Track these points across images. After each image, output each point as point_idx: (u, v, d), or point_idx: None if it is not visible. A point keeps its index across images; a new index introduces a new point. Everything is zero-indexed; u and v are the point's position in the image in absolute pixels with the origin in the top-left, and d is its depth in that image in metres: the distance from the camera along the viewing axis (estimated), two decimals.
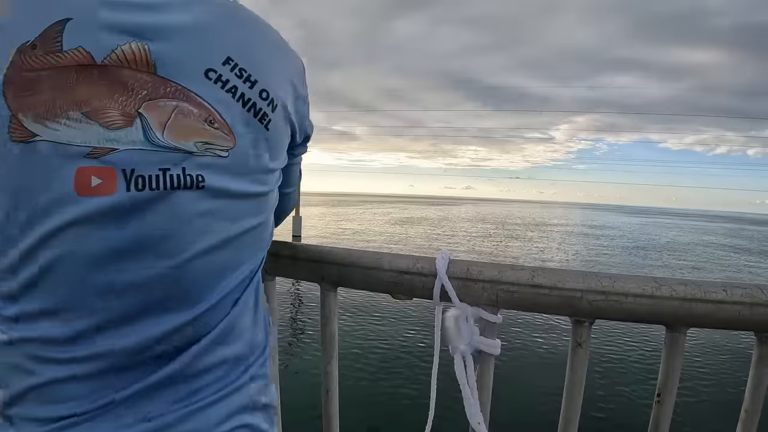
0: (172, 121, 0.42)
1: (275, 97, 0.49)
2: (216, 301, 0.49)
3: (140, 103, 0.41)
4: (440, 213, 52.58)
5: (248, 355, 0.54)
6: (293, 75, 0.53)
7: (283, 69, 0.52)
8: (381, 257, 0.72)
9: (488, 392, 0.68)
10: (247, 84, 0.46)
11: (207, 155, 0.44)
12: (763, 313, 0.54)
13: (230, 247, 0.48)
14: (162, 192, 0.42)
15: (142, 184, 0.41)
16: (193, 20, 0.43)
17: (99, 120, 0.40)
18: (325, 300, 0.79)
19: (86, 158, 0.40)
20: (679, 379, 0.61)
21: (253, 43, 0.48)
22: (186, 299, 0.46)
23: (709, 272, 16.16)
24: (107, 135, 0.40)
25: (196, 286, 0.47)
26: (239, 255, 0.50)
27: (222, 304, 0.49)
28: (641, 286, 0.58)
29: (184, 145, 0.43)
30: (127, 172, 0.41)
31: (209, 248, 0.46)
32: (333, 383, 0.80)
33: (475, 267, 0.65)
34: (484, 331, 0.66)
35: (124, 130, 0.41)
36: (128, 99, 0.41)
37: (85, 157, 0.40)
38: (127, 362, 0.45)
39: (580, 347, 0.64)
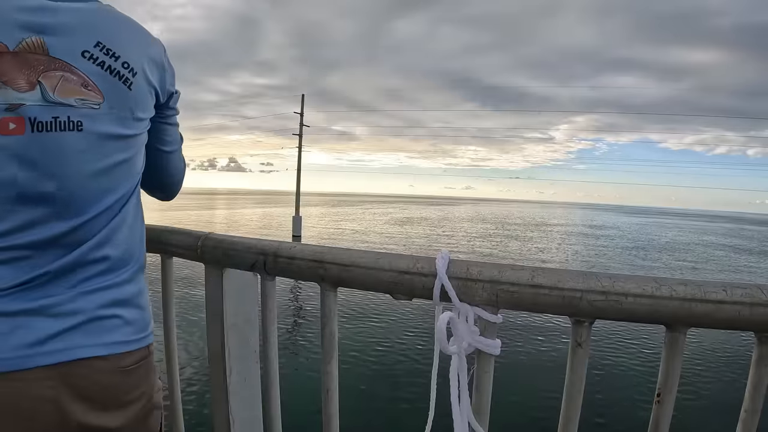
0: (60, 85, 0.62)
1: (135, 66, 0.69)
2: (97, 213, 0.69)
3: (39, 74, 0.61)
4: (440, 213, 52.54)
5: (126, 260, 0.74)
6: (152, 53, 0.74)
7: (142, 48, 0.72)
8: (381, 257, 0.72)
9: (488, 392, 0.68)
10: (112, 59, 0.67)
11: (84, 108, 0.64)
12: (763, 313, 0.54)
13: (105, 174, 0.69)
14: (54, 133, 0.63)
15: (41, 127, 0.62)
16: (72, 20, 0.65)
17: (12, 86, 0.60)
18: (325, 300, 0.79)
19: (5, 111, 0.60)
20: (679, 379, 0.61)
21: (117, 32, 0.69)
22: (74, 210, 0.66)
23: (709, 273, 16.16)
24: (18, 96, 0.60)
25: (81, 201, 0.67)
26: (113, 181, 0.70)
27: (103, 216, 0.70)
28: (641, 286, 0.58)
29: (68, 100, 0.63)
30: (31, 119, 0.61)
31: (89, 174, 0.67)
32: (333, 383, 0.80)
33: (475, 267, 0.65)
34: (484, 332, 0.66)
35: (29, 92, 0.61)
36: (31, 72, 0.61)
37: (5, 111, 0.60)
38: (34, 254, 0.65)
39: (580, 347, 0.64)
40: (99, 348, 0.69)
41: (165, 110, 0.82)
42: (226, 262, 0.92)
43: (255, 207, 52.12)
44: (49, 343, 0.65)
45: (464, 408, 0.66)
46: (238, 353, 0.98)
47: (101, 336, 0.70)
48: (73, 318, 0.67)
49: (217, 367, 0.97)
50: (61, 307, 0.67)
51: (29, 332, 0.64)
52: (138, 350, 0.76)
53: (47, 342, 0.65)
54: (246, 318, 0.99)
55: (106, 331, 0.71)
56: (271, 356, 0.91)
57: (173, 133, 0.88)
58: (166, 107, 0.82)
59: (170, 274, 1.07)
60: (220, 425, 1.00)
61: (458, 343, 0.65)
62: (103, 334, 0.70)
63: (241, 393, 0.99)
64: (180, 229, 1.04)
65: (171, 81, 0.80)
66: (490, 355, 0.67)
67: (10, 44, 0.60)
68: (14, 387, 0.64)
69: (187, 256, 0.99)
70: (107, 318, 0.71)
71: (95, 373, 0.69)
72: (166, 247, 1.03)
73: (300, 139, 23.06)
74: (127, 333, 0.74)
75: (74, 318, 0.67)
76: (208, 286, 0.97)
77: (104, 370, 0.70)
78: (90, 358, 0.68)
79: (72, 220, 0.67)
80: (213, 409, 1.00)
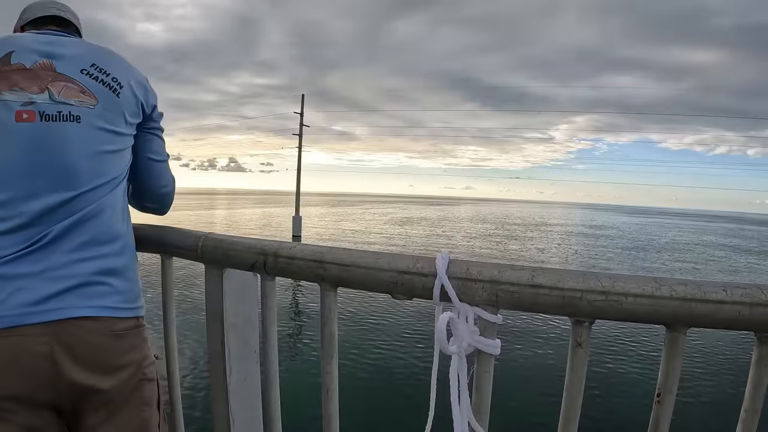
0: (63, 90, 0.83)
1: (122, 81, 0.90)
2: (89, 188, 0.83)
3: (48, 83, 0.82)
4: (440, 213, 52.55)
5: (113, 238, 0.86)
6: (137, 77, 0.94)
7: (128, 72, 0.93)
8: (381, 257, 0.72)
9: (488, 392, 0.68)
10: (104, 74, 0.88)
11: (82, 106, 0.84)
12: (763, 313, 0.54)
13: (97, 158, 0.85)
14: (57, 123, 0.81)
15: (47, 118, 0.80)
16: (75, 50, 0.89)
17: (27, 90, 0.81)
18: (325, 300, 0.79)
19: (21, 106, 0.79)
20: (679, 379, 0.61)
21: (109, 60, 0.91)
22: (70, 184, 0.81)
23: (709, 273, 16.16)
24: (30, 96, 0.80)
25: (76, 176, 0.82)
26: (104, 165, 0.86)
27: (93, 192, 0.83)
28: (641, 287, 0.58)
29: (69, 101, 0.83)
30: (40, 112, 0.80)
31: (84, 155, 0.83)
32: (333, 383, 0.80)
33: (475, 267, 0.65)
34: (484, 331, 0.66)
35: (39, 94, 0.81)
36: (41, 81, 0.82)
37: (21, 106, 0.79)
38: (37, 221, 0.78)
39: (580, 347, 0.64)
40: (91, 309, 0.78)
41: (150, 122, 0.99)
42: (226, 262, 0.92)
43: (255, 207, 52.13)
44: (45, 303, 0.74)
45: (464, 408, 0.66)
46: (238, 353, 0.98)
47: (93, 299, 0.79)
48: (68, 281, 0.77)
49: (217, 367, 0.97)
50: (58, 271, 0.77)
51: (29, 293, 0.74)
52: (128, 318, 0.84)
53: (44, 302, 0.74)
54: (246, 318, 0.99)
55: (97, 295, 0.80)
56: (271, 356, 0.91)
57: (160, 144, 1.03)
58: (151, 119, 0.99)
59: (170, 274, 1.07)
60: (220, 425, 1.00)
61: (458, 343, 0.65)
62: (94, 297, 0.79)
63: (241, 393, 0.99)
64: (180, 229, 1.04)
65: (153, 99, 0.98)
66: (490, 355, 0.67)
67: (27, 64, 0.83)
68: (13, 342, 0.73)
69: (187, 256, 0.99)
70: (99, 284, 0.81)
71: (87, 332, 0.77)
72: (166, 247, 1.03)
73: (300, 139, 23.07)
74: (118, 300, 0.83)
75: (69, 281, 0.77)
76: (208, 286, 0.97)
77: (95, 331, 0.78)
78: (82, 318, 0.77)
79: (68, 192, 0.80)
80: (213, 409, 1.00)
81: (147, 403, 0.87)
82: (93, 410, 0.79)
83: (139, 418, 0.85)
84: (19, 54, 0.83)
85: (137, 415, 0.85)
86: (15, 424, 0.74)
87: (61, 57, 0.85)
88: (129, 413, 0.83)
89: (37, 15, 0.99)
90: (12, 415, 0.74)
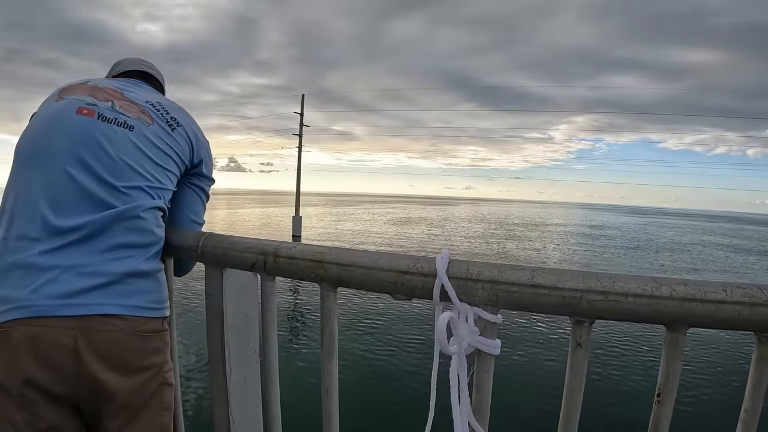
0: (124, 106, 0.93)
1: (180, 122, 0.99)
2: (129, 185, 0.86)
3: (114, 99, 0.93)
4: (440, 213, 52.56)
5: (149, 242, 0.88)
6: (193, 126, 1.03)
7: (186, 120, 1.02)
8: (381, 257, 0.72)
9: (488, 392, 0.68)
10: (164, 111, 0.98)
11: (138, 121, 0.92)
12: (763, 313, 0.54)
13: (142, 162, 0.89)
14: (112, 125, 0.88)
15: (104, 119, 0.88)
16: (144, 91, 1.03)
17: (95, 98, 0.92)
18: (325, 300, 0.79)
19: (85, 105, 0.89)
20: (679, 379, 0.61)
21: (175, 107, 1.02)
22: (112, 176, 0.85)
23: (708, 273, 16.16)
24: (94, 101, 0.91)
25: (119, 172, 0.86)
26: (147, 170, 0.89)
27: (133, 191, 0.86)
28: (641, 286, 0.58)
29: (128, 114, 0.92)
30: (99, 113, 0.89)
31: (129, 156, 0.87)
32: (333, 383, 0.80)
33: (475, 267, 0.65)
34: (484, 332, 0.66)
35: (104, 102, 0.91)
36: (108, 95, 0.93)
37: (85, 104, 0.89)
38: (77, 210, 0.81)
39: (580, 347, 0.64)
40: (119, 308, 0.79)
41: (196, 176, 1.05)
42: (226, 262, 0.92)
43: (255, 207, 52.14)
44: (75, 297, 0.76)
45: (464, 408, 0.66)
46: (238, 353, 0.98)
47: (121, 298, 0.80)
48: (99, 278, 0.78)
49: (217, 367, 0.97)
50: (91, 267, 0.78)
51: (61, 285, 0.76)
52: (155, 319, 0.85)
53: (74, 296, 0.76)
54: (246, 318, 0.99)
55: (126, 294, 0.81)
56: (271, 356, 0.91)
57: (200, 206, 1.07)
58: (199, 174, 1.05)
59: (170, 274, 1.07)
60: (220, 425, 1.00)
61: (458, 343, 0.65)
62: (123, 296, 0.80)
63: (241, 393, 0.99)
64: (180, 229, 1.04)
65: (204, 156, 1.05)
66: (490, 355, 0.67)
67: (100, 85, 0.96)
68: (41, 331, 0.74)
69: (187, 256, 0.99)
70: (129, 284, 0.82)
71: (113, 330, 0.78)
72: (166, 247, 1.03)
73: (300, 139, 23.05)
74: (145, 300, 0.84)
75: (100, 278, 0.78)
76: (208, 286, 0.97)
77: (122, 329, 0.79)
78: (109, 315, 0.78)
79: (108, 185, 0.84)
80: (213, 409, 1.00)
81: (166, 407, 0.86)
82: (113, 412, 0.79)
83: (158, 422, 0.84)
84: (94, 81, 0.98)
85: (156, 419, 0.84)
86: (33, 414, 0.74)
87: (131, 91, 0.98)
88: (148, 417, 0.83)
89: (128, 69, 1.11)
90: (31, 405, 0.74)
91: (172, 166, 0.95)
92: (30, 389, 0.74)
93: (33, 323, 0.73)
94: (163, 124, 0.94)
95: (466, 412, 0.66)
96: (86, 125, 0.86)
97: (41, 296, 0.74)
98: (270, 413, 0.93)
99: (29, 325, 0.73)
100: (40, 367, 0.74)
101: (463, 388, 0.66)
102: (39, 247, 0.77)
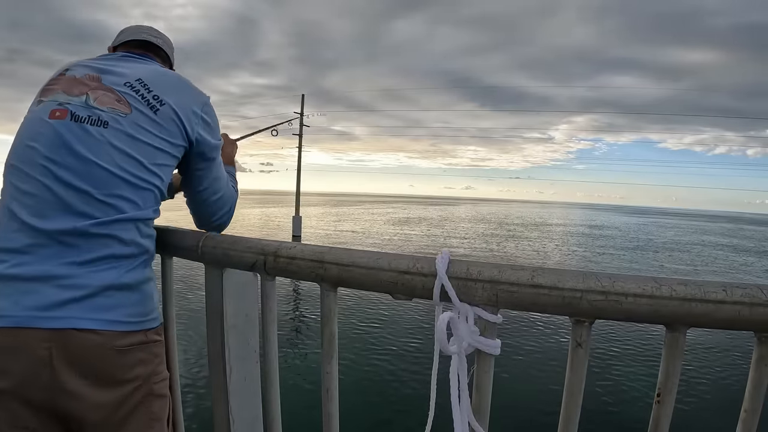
0: (99, 98, 0.85)
1: (164, 99, 0.89)
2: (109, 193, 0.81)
3: (87, 90, 0.86)
4: (440, 213, 52.55)
5: (132, 252, 0.84)
6: (188, 102, 0.93)
7: (179, 95, 0.92)
8: (381, 257, 0.72)
9: (488, 392, 0.68)
10: (145, 90, 0.88)
11: (113, 114, 0.84)
12: (763, 313, 0.54)
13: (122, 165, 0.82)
14: (86, 125, 0.82)
15: (77, 119, 0.83)
16: (126, 70, 0.91)
17: (67, 93, 0.86)
18: (325, 300, 0.79)
19: (57, 105, 0.84)
20: (679, 379, 0.61)
21: (160, 80, 0.92)
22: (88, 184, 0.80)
23: (708, 273, 16.16)
24: (68, 98, 0.85)
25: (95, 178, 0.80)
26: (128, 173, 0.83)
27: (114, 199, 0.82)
28: (641, 286, 0.58)
29: (102, 108, 0.84)
30: (72, 113, 0.83)
31: (106, 160, 0.81)
32: (333, 383, 0.80)
33: (475, 267, 0.65)
34: (484, 331, 0.66)
35: (77, 98, 0.85)
36: (83, 88, 0.86)
37: (57, 105, 0.84)
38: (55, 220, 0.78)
39: (580, 347, 0.64)
40: (94, 322, 0.77)
41: (197, 157, 0.96)
42: (226, 262, 0.92)
43: (255, 207, 52.13)
44: (52, 310, 0.74)
45: (464, 408, 0.66)
46: (238, 353, 0.98)
47: (98, 312, 0.77)
48: (77, 291, 0.76)
49: (217, 367, 0.97)
50: (69, 280, 0.76)
51: (39, 297, 0.75)
52: (134, 332, 0.82)
53: (51, 308, 0.74)
54: (246, 318, 0.99)
55: (104, 308, 0.78)
56: (271, 356, 0.91)
57: (210, 178, 1.00)
58: (201, 154, 0.96)
59: (170, 274, 1.07)
60: (220, 425, 1.00)
61: (458, 343, 0.65)
62: (100, 311, 0.78)
63: (241, 393, 0.99)
64: (180, 229, 1.04)
65: (202, 129, 0.94)
66: (490, 355, 0.67)
67: (77, 75, 0.89)
68: (17, 342, 0.73)
69: (187, 256, 0.99)
70: (108, 297, 0.79)
71: (88, 345, 0.76)
72: (166, 247, 1.03)
73: (300, 139, 23.05)
74: (125, 314, 0.81)
75: (78, 291, 0.76)
76: (208, 286, 0.97)
77: (97, 344, 0.77)
78: (84, 330, 0.76)
79: (85, 195, 0.79)
80: (213, 409, 1.00)
81: (156, 419, 0.85)
82: (95, 424, 0.78)
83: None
84: (73, 70, 0.90)
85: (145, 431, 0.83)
86: (14, 416, 0.74)
87: (111, 73, 0.89)
88: (135, 428, 0.82)
89: (130, 38, 1.03)
90: (11, 410, 0.74)
91: (161, 157, 0.88)
92: (7, 397, 0.74)
93: (12, 333, 0.73)
94: (144, 109, 0.86)
95: (466, 412, 0.66)
96: (58, 130, 0.81)
97: (20, 307, 0.74)
98: (270, 413, 0.93)
99: (5, 335, 0.73)
100: (16, 377, 0.74)
101: (463, 388, 0.66)
102: (18, 259, 0.76)
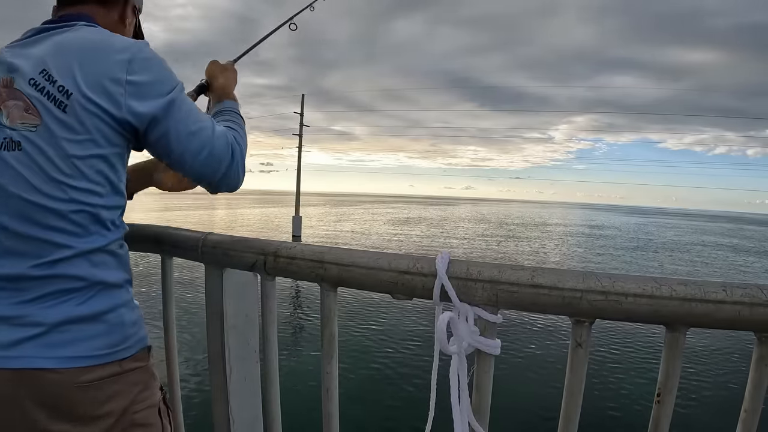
0: (11, 112, 0.70)
1: (70, 88, 0.70)
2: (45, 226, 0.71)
3: (2, 102, 0.70)
4: (440, 213, 52.56)
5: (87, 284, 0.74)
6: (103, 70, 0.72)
7: (90, 68, 0.72)
8: (381, 257, 0.72)
9: (488, 392, 0.68)
10: (50, 83, 0.70)
11: (24, 130, 0.69)
12: (763, 313, 0.54)
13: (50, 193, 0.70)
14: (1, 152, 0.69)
15: None
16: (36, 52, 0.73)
17: None
18: (325, 300, 0.79)
19: None
20: (679, 379, 0.61)
21: (66, 56, 0.72)
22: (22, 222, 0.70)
23: (708, 273, 16.16)
24: None
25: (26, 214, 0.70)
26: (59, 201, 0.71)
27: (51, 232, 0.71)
28: (641, 286, 0.58)
29: (14, 125, 0.70)
30: None
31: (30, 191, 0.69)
32: (333, 383, 0.80)
33: (475, 267, 0.65)
34: (484, 331, 0.66)
35: None
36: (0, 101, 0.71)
37: None
38: None
39: (580, 347, 0.64)
40: (50, 360, 0.70)
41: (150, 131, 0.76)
42: (226, 262, 0.92)
43: (254, 207, 52.14)
44: (9, 349, 0.69)
45: (464, 408, 0.66)
46: (238, 353, 0.98)
47: (54, 350, 0.70)
48: (31, 329, 0.70)
49: (217, 367, 0.97)
50: (22, 319, 0.70)
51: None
52: (104, 365, 0.74)
53: (8, 348, 0.69)
54: (246, 318, 0.99)
55: (60, 344, 0.71)
56: (271, 356, 0.91)
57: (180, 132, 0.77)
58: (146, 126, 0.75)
59: (170, 274, 1.07)
60: (220, 425, 1.00)
61: (458, 343, 0.65)
62: (57, 347, 0.71)
63: (241, 393, 0.99)
64: (180, 229, 1.04)
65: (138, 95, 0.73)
66: (490, 355, 0.67)
67: None
68: None
69: (187, 256, 0.99)
70: (65, 332, 0.71)
71: (48, 384, 0.70)
72: (166, 247, 1.03)
73: (300, 139, 23.06)
74: (88, 348, 0.73)
75: (32, 329, 0.70)
76: (208, 286, 0.97)
77: (56, 383, 0.70)
78: (42, 370, 0.70)
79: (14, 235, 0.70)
80: (213, 409, 1.00)
81: None
82: None
83: None
84: None
85: None
86: None
87: (20, 69, 0.72)
88: None
89: None
90: None
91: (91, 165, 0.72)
92: None
93: None
94: (53, 109, 0.70)
95: (466, 412, 0.66)
96: None
97: None
98: (270, 413, 0.93)
99: None
100: None
101: (463, 388, 0.66)
102: None
